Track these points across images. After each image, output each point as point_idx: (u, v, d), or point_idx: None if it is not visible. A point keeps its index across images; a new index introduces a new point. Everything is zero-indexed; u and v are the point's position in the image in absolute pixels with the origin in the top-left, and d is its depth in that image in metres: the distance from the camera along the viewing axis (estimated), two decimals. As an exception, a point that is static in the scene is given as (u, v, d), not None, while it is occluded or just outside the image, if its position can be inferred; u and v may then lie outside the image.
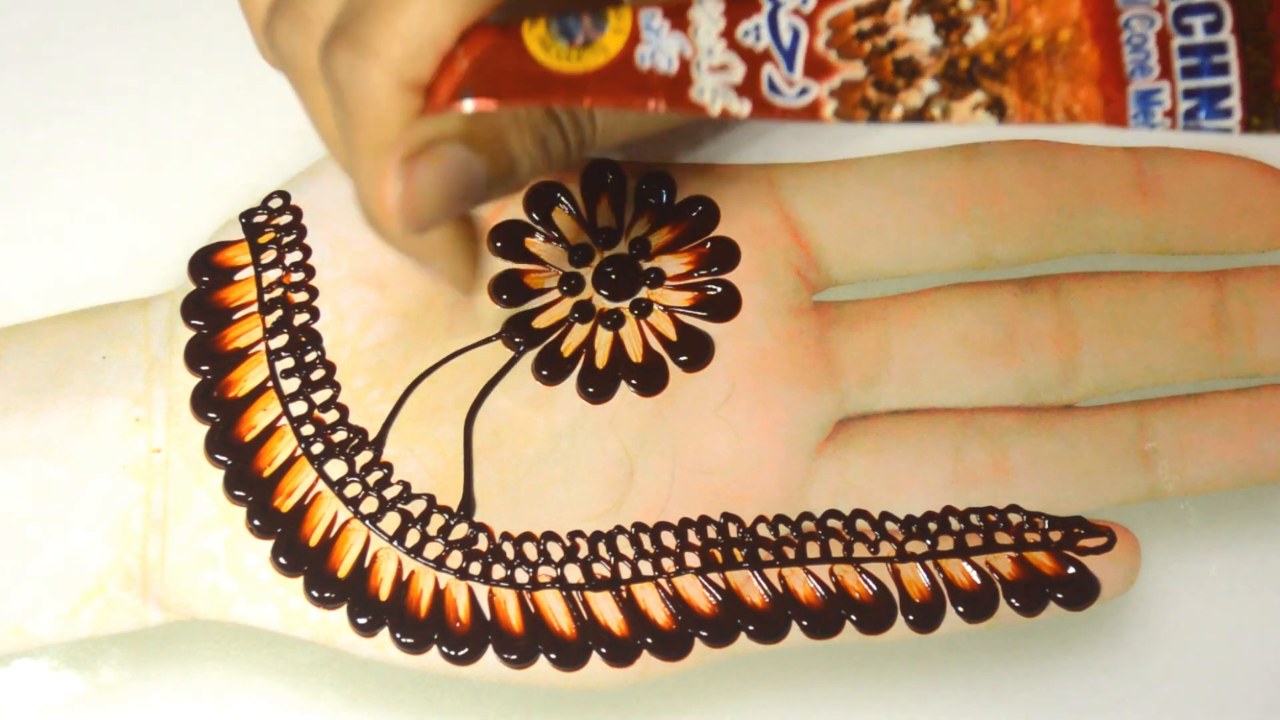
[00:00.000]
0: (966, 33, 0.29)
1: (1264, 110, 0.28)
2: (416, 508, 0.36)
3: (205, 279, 0.38)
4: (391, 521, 0.36)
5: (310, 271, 0.38)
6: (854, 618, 0.36)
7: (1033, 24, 0.29)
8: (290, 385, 0.37)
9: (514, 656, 0.35)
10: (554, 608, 0.36)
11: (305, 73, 0.31)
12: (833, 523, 0.37)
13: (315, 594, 0.35)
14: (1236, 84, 0.28)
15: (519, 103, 0.29)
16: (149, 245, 0.41)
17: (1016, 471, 0.37)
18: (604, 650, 0.35)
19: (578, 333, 0.38)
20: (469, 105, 0.29)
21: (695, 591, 0.36)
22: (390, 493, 0.36)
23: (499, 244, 0.39)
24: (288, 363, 0.37)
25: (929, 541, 0.37)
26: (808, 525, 0.37)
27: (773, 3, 0.29)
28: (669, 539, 0.36)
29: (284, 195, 0.39)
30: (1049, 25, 0.29)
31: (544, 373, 0.38)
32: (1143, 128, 0.28)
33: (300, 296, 0.38)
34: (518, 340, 0.38)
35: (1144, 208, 0.39)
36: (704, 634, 0.36)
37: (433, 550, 0.36)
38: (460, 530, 0.36)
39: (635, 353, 0.38)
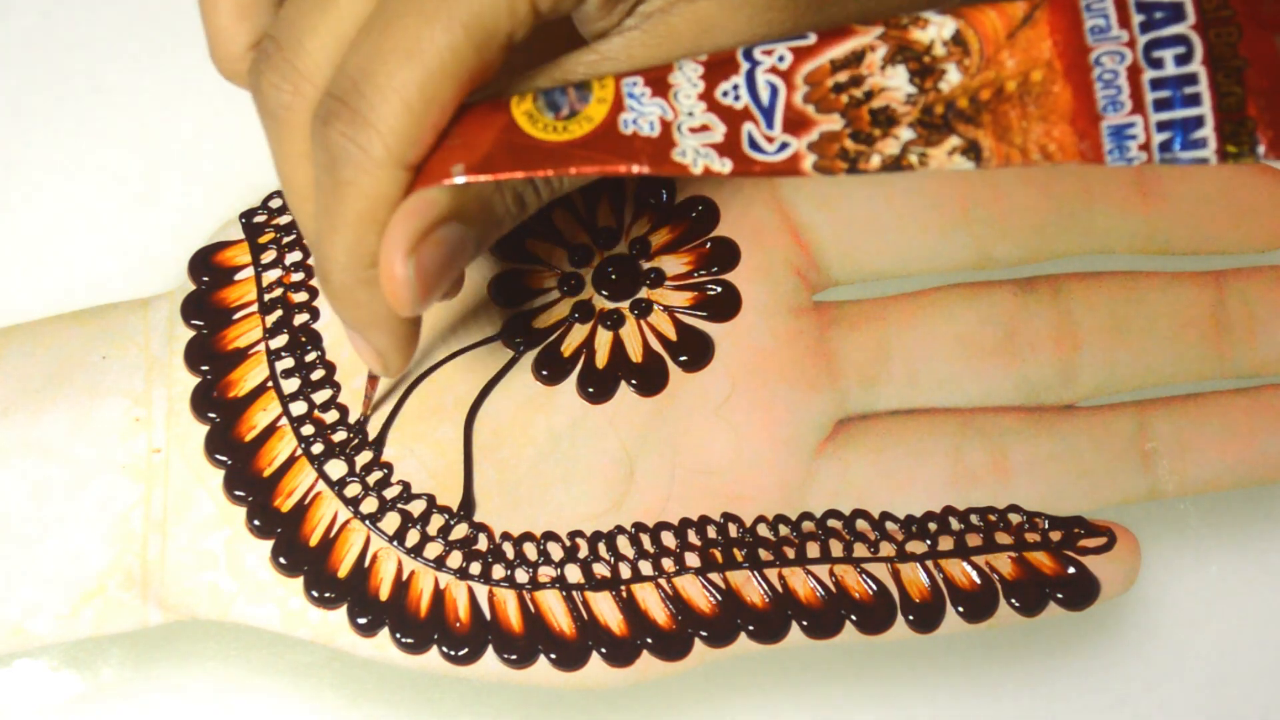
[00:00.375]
0: (941, 79, 0.29)
1: (1239, 139, 0.28)
2: (416, 508, 0.36)
3: (205, 279, 0.38)
4: (391, 521, 0.36)
5: (310, 271, 0.38)
6: (854, 618, 0.36)
7: (1005, 67, 0.29)
8: (290, 385, 0.37)
9: (514, 656, 0.35)
10: (554, 608, 0.36)
11: (287, 125, 0.31)
12: (833, 523, 0.37)
13: (315, 594, 0.35)
14: (1209, 114, 0.28)
15: (508, 175, 0.29)
16: (149, 245, 0.41)
17: (1016, 471, 0.37)
18: (604, 650, 0.35)
19: (578, 333, 0.38)
20: (460, 179, 0.29)
21: (695, 591, 0.36)
22: (390, 493, 0.36)
23: (499, 244, 0.39)
24: (288, 363, 0.37)
25: (929, 541, 0.37)
26: (808, 525, 0.37)
27: (750, 61, 0.29)
28: (669, 539, 0.36)
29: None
30: (1021, 67, 0.29)
31: (544, 373, 0.38)
32: (1119, 163, 0.29)
33: (300, 296, 0.38)
34: (518, 340, 0.38)
35: (1144, 208, 0.39)
36: (704, 634, 0.36)
37: (433, 550, 0.36)
38: (460, 530, 0.36)
39: (635, 353, 0.38)
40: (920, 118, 0.29)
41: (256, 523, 0.36)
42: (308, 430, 0.37)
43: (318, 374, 0.37)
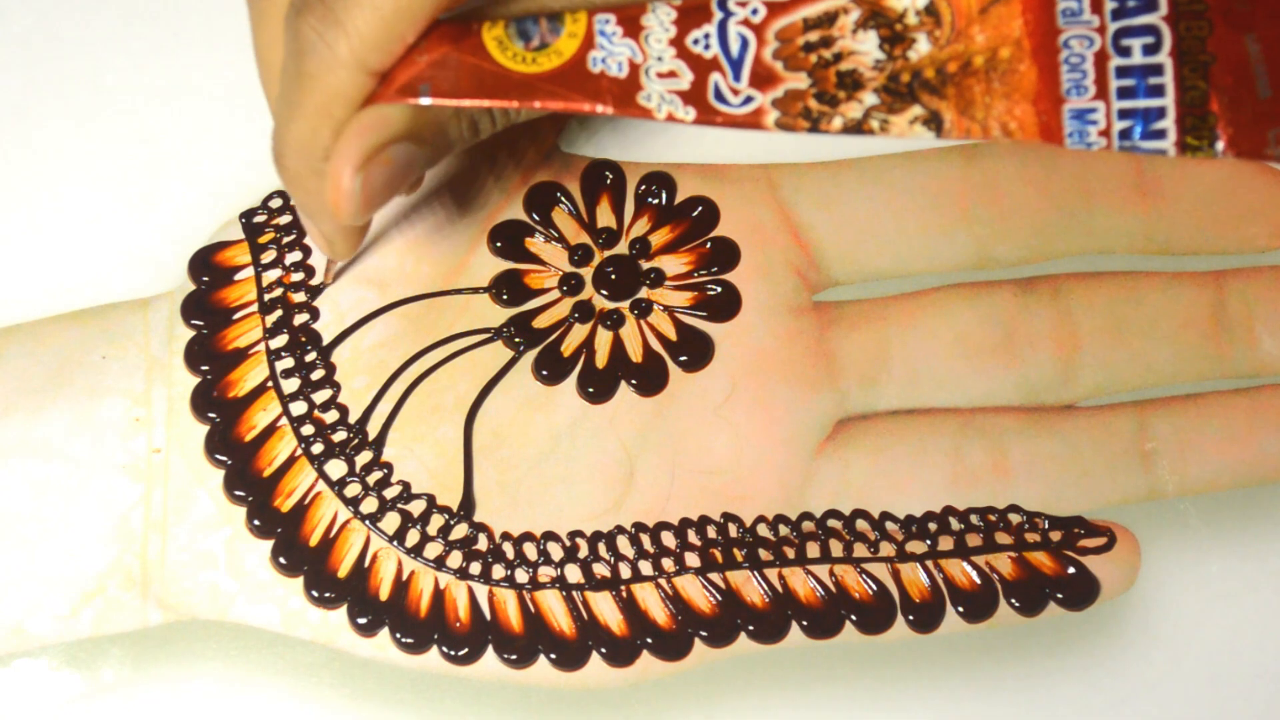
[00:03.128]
0: (910, 48, 0.29)
1: (1199, 133, 0.29)
2: (416, 508, 0.36)
3: (205, 279, 0.38)
4: (391, 521, 0.36)
5: (310, 271, 0.38)
6: (854, 618, 0.36)
7: (975, 41, 0.29)
8: (290, 385, 0.37)
9: (514, 656, 0.35)
10: (554, 608, 0.36)
11: (270, 6, 0.32)
12: (833, 523, 0.37)
13: (315, 594, 0.35)
14: (1172, 106, 0.29)
15: (473, 101, 0.29)
16: (149, 245, 0.41)
17: (1016, 471, 0.37)
18: (604, 650, 0.35)
19: (578, 333, 0.38)
20: (426, 100, 0.29)
21: (695, 591, 0.36)
22: (390, 493, 0.36)
23: (499, 244, 0.39)
24: (288, 363, 0.37)
25: (929, 541, 0.37)
26: (808, 525, 0.37)
27: (724, 11, 0.29)
28: (669, 539, 0.36)
29: (284, 195, 0.39)
30: (990, 43, 0.29)
31: (544, 373, 0.38)
32: (1078, 146, 0.29)
33: (300, 296, 0.38)
34: (518, 340, 0.38)
35: (1144, 208, 0.39)
36: (704, 634, 0.36)
37: (433, 550, 0.36)
38: (460, 530, 0.36)
39: (635, 353, 0.38)
40: (886, 84, 0.29)
41: (256, 523, 0.36)
42: (308, 430, 0.37)
43: (318, 374, 0.37)
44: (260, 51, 0.33)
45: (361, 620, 0.35)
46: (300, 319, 0.38)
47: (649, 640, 0.36)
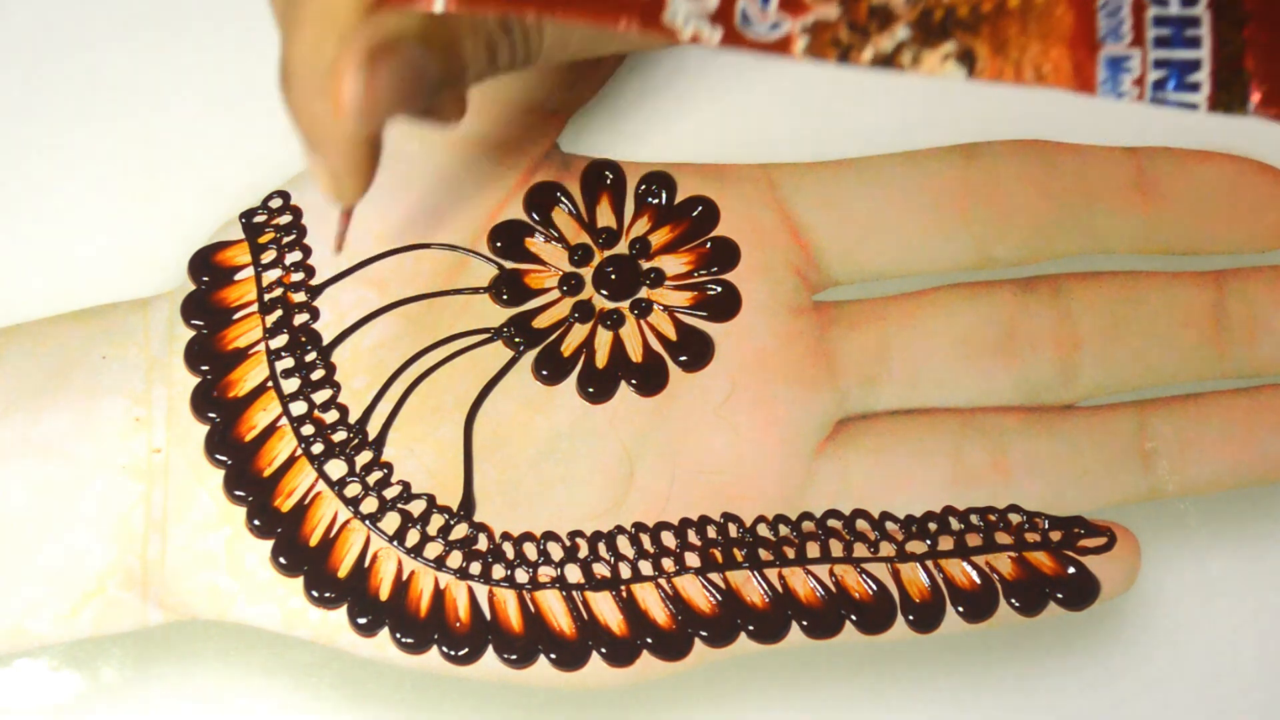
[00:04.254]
0: None
1: (1231, 89, 0.28)
2: (416, 508, 0.36)
3: (205, 279, 0.38)
4: (391, 521, 0.36)
5: (310, 271, 0.38)
6: (854, 618, 0.36)
7: None
8: (290, 385, 0.37)
9: (514, 656, 0.35)
10: (554, 608, 0.36)
11: None
12: (833, 523, 0.37)
13: (315, 594, 0.35)
14: (1208, 59, 0.28)
15: (491, 9, 0.28)
16: (149, 245, 0.41)
17: (1016, 471, 0.37)
18: (604, 650, 0.35)
19: (578, 333, 0.38)
20: (439, 5, 0.28)
21: (695, 591, 0.36)
22: (390, 493, 0.36)
23: (499, 244, 0.39)
24: (288, 363, 0.37)
25: (929, 541, 0.37)
26: (808, 525, 0.37)
27: None
28: (669, 539, 0.36)
29: (284, 195, 0.39)
30: None
31: (544, 373, 0.38)
32: (1110, 95, 0.28)
33: (300, 296, 0.38)
34: (518, 340, 0.38)
35: (1144, 208, 0.39)
36: (704, 634, 0.36)
37: (433, 550, 0.36)
38: (460, 530, 0.36)
39: (635, 353, 0.38)
40: (919, 19, 0.29)
41: (256, 523, 0.36)
42: (308, 430, 0.37)
43: (318, 374, 0.37)
44: None
45: (361, 620, 0.35)
46: (300, 319, 0.38)
47: (649, 640, 0.36)
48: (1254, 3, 0.28)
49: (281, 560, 0.36)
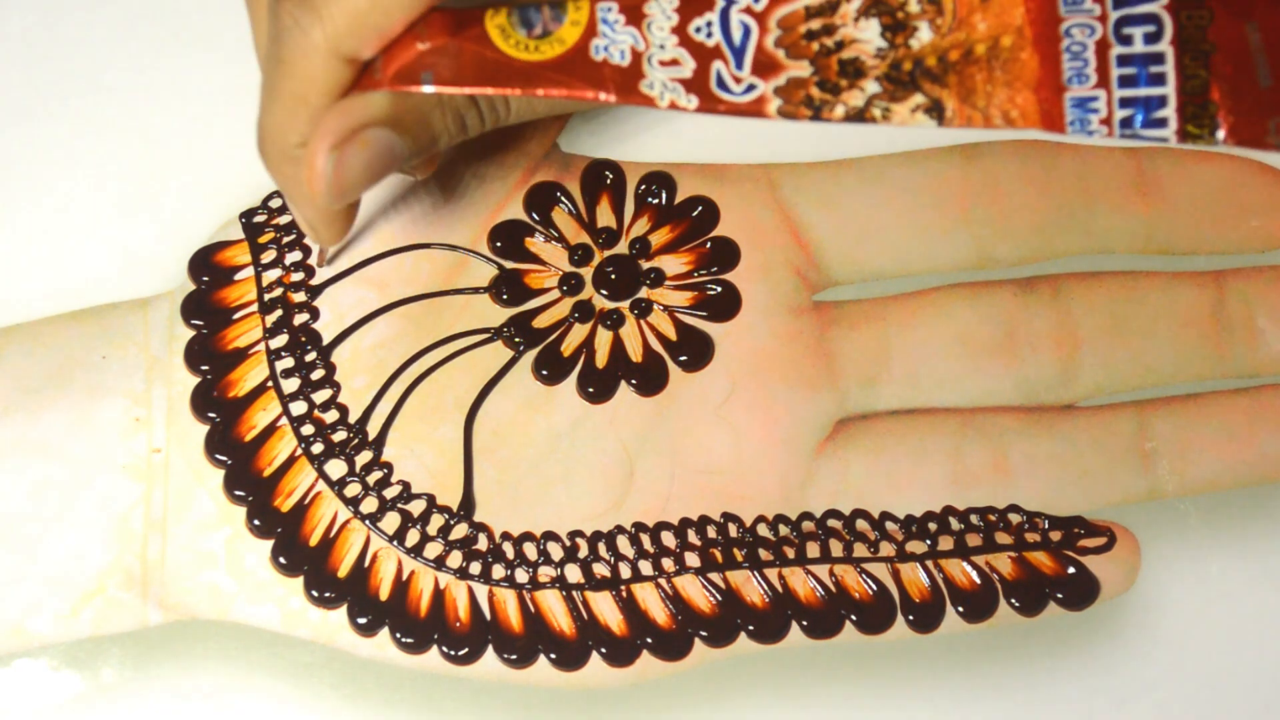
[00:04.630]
0: (912, 36, 0.29)
1: (1200, 121, 0.29)
2: (416, 508, 0.36)
3: (205, 279, 0.38)
4: (391, 521, 0.36)
5: (310, 271, 0.38)
6: (854, 618, 0.36)
7: (976, 29, 0.29)
8: (290, 385, 0.37)
9: (514, 656, 0.35)
10: (554, 608, 0.36)
11: None
12: (833, 523, 0.37)
13: (315, 594, 0.35)
14: (1173, 94, 0.29)
15: (476, 89, 0.29)
16: (149, 245, 0.41)
17: (1016, 471, 0.37)
18: (604, 650, 0.35)
19: (578, 333, 0.38)
20: (429, 88, 0.30)
21: (695, 591, 0.36)
22: (390, 493, 0.36)
23: (499, 244, 0.39)
24: (288, 363, 0.37)
25: (929, 541, 0.37)
26: (808, 525, 0.37)
27: (725, 0, 0.29)
28: (669, 539, 0.36)
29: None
30: (992, 31, 0.29)
31: (544, 373, 0.38)
32: (1080, 134, 0.29)
33: (300, 296, 0.38)
34: (518, 340, 0.38)
35: (1144, 208, 0.39)
36: (704, 634, 0.36)
37: (433, 550, 0.36)
38: (460, 530, 0.36)
39: (635, 352, 0.38)
40: (888, 72, 0.29)
41: (256, 523, 0.36)
42: (308, 430, 0.37)
43: (318, 374, 0.37)
44: (256, 39, 0.34)
45: (361, 620, 0.35)
46: (300, 319, 0.38)
47: (649, 640, 0.36)
48: (1217, 34, 0.29)
49: (281, 560, 0.36)
